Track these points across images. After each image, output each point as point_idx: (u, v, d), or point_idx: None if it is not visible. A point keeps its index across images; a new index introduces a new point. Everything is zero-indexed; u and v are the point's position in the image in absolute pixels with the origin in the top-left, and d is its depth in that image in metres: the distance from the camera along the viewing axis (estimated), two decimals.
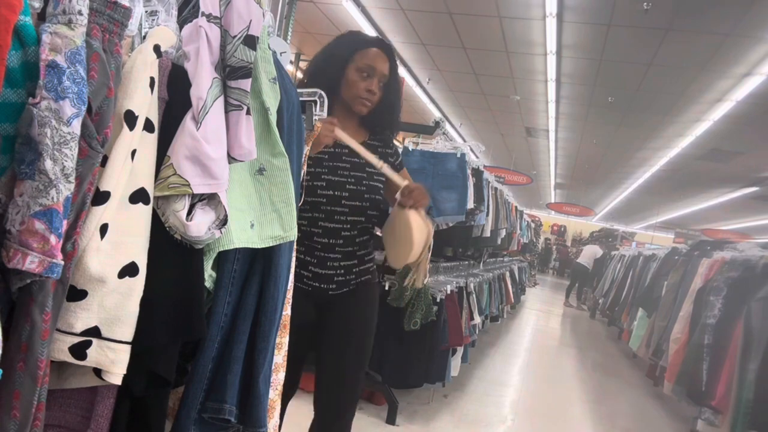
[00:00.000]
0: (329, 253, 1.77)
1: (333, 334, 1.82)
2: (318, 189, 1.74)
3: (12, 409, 0.88)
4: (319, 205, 1.74)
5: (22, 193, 0.84)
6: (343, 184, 1.77)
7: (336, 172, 1.78)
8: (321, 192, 1.74)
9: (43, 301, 0.89)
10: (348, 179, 1.79)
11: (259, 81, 1.25)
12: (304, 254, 1.75)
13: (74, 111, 0.86)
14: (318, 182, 1.75)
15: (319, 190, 1.74)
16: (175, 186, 1.06)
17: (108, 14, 0.95)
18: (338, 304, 1.81)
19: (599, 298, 10.33)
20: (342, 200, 1.76)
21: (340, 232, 1.76)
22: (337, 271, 1.79)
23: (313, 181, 1.73)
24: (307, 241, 1.75)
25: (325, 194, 1.74)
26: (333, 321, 1.82)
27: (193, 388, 1.25)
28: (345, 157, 1.81)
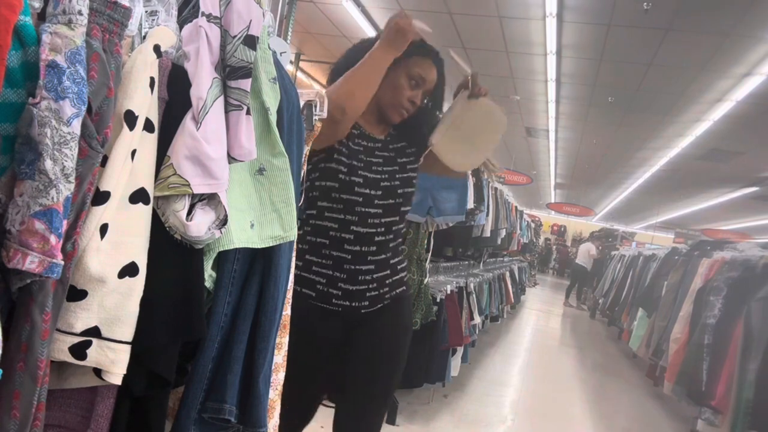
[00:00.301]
0: (361, 265, 1.54)
1: (361, 358, 1.60)
2: (355, 186, 1.52)
3: (12, 409, 0.88)
4: (353, 205, 1.52)
5: (22, 193, 0.84)
6: (377, 182, 1.58)
7: (370, 167, 1.59)
8: (358, 190, 1.52)
9: (43, 301, 0.89)
10: (382, 176, 1.60)
11: (259, 81, 1.25)
12: (333, 269, 1.52)
13: (74, 111, 0.86)
14: (355, 177, 1.52)
15: (357, 187, 1.52)
16: (175, 186, 1.06)
17: (108, 14, 0.95)
18: (369, 324, 1.59)
19: (599, 298, 10.33)
20: (375, 199, 1.55)
21: (373, 238, 1.55)
22: (369, 286, 1.56)
23: (349, 176, 1.51)
24: (336, 251, 1.52)
25: (362, 192, 1.53)
26: (363, 344, 1.60)
27: (193, 388, 1.25)
28: (378, 151, 1.63)
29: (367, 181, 1.55)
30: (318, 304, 1.47)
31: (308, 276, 1.49)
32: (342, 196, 1.50)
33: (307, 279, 1.48)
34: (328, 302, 1.50)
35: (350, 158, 1.54)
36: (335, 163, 1.52)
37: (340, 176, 1.52)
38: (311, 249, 1.50)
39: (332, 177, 1.52)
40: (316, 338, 1.46)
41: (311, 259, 1.50)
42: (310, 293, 1.48)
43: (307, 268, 1.50)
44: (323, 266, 1.51)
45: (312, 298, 1.47)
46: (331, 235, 1.51)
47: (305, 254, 1.50)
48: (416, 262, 3.24)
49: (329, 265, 1.51)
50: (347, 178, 1.51)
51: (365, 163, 1.58)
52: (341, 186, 1.51)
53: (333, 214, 1.50)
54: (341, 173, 1.52)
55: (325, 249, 1.50)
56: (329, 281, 1.51)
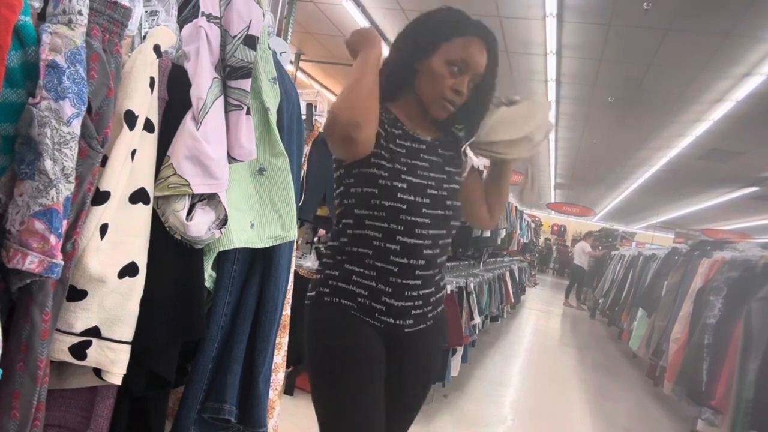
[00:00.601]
0: (407, 279, 1.38)
1: (399, 378, 1.46)
2: (398, 192, 1.35)
3: (12, 408, 0.88)
4: (397, 213, 1.35)
5: (22, 193, 0.84)
6: (423, 188, 1.40)
7: (415, 171, 1.41)
8: (402, 196, 1.35)
9: (43, 301, 0.89)
10: (428, 182, 1.42)
11: (259, 81, 1.25)
12: (377, 280, 1.36)
13: (74, 111, 0.86)
14: (398, 183, 1.36)
15: (400, 193, 1.35)
16: (175, 186, 1.06)
17: (108, 14, 0.95)
18: (411, 344, 1.46)
19: (599, 298, 10.33)
20: (423, 208, 1.39)
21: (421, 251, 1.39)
22: (414, 303, 1.41)
23: (392, 181, 1.35)
24: (380, 262, 1.36)
25: (406, 199, 1.36)
26: (403, 364, 1.46)
27: (193, 388, 1.25)
28: (423, 154, 1.45)
29: (412, 187, 1.38)
30: (360, 315, 1.35)
31: (347, 287, 1.35)
32: (383, 202, 1.34)
33: (347, 290, 1.35)
34: (370, 316, 1.36)
35: (392, 161, 1.37)
36: (374, 167, 1.35)
37: (380, 182, 1.35)
38: (351, 259, 1.36)
39: (370, 182, 1.35)
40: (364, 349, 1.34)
41: (351, 269, 1.36)
42: (351, 304, 1.35)
43: (346, 278, 1.36)
44: (365, 277, 1.36)
45: (353, 309, 1.34)
46: (375, 245, 1.36)
47: (344, 264, 1.37)
48: None
49: (372, 276, 1.36)
50: (388, 183, 1.35)
51: (409, 167, 1.41)
52: (381, 192, 1.34)
53: (375, 222, 1.35)
54: (381, 178, 1.35)
55: (368, 259, 1.35)
56: (372, 294, 1.36)
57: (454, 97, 1.41)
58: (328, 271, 1.39)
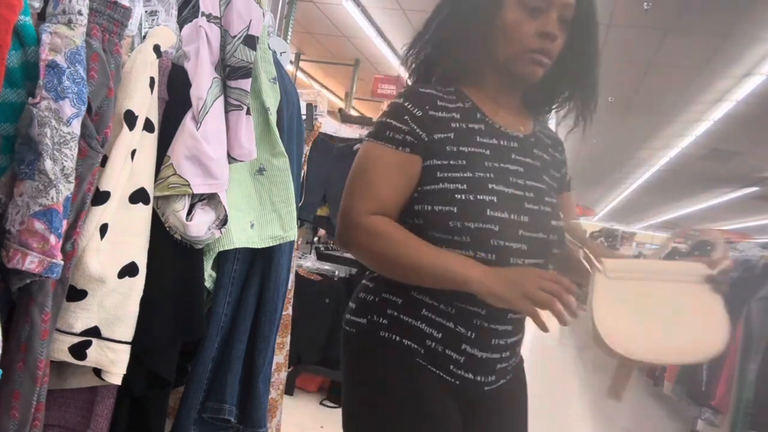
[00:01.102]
0: (497, 323, 1.03)
1: None
2: (486, 208, 0.98)
3: (11, 408, 0.88)
4: (487, 237, 0.98)
5: (22, 193, 0.84)
6: (520, 202, 1.03)
7: (507, 179, 1.03)
8: (492, 213, 0.98)
9: (43, 301, 0.89)
10: (525, 193, 1.05)
11: (259, 81, 1.25)
12: (456, 321, 1.01)
13: (74, 111, 0.86)
14: (484, 195, 0.99)
15: (489, 209, 0.98)
16: (175, 186, 1.06)
17: (108, 14, 0.95)
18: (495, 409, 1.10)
19: None
20: (519, 229, 1.01)
21: None
22: (501, 354, 1.06)
23: (475, 194, 0.99)
24: (462, 301, 1.00)
25: (498, 218, 0.99)
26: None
27: (193, 388, 1.25)
28: (515, 154, 1.08)
29: (504, 201, 1.00)
30: (427, 365, 1.00)
31: (413, 323, 1.01)
32: (467, 224, 0.97)
33: (412, 327, 1.01)
34: (441, 368, 1.01)
35: (472, 168, 1.01)
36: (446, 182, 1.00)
37: (458, 197, 0.98)
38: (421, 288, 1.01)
39: (444, 199, 0.99)
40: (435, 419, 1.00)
41: (421, 300, 1.02)
42: (416, 348, 1.00)
43: (413, 311, 1.02)
44: (440, 314, 1.01)
45: (418, 354, 1.00)
46: None
47: (411, 290, 1.02)
48: None
49: (450, 314, 1.00)
50: (471, 198, 0.98)
51: (497, 173, 1.02)
52: (462, 210, 0.97)
53: (456, 249, 0.99)
54: (460, 192, 0.99)
55: (443, 294, 1.00)
56: (448, 338, 1.01)
57: (543, 44, 1.02)
58: (387, 294, 1.05)
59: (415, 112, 1.03)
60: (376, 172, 1.03)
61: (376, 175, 1.03)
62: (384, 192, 1.02)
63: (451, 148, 1.02)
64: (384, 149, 1.03)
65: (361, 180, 1.04)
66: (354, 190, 1.03)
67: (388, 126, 1.04)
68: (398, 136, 1.03)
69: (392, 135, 1.03)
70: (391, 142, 1.03)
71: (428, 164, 1.02)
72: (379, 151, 1.04)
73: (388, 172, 1.03)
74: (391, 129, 1.03)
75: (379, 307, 1.05)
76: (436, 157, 1.02)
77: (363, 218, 1.00)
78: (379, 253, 1.00)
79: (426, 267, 0.97)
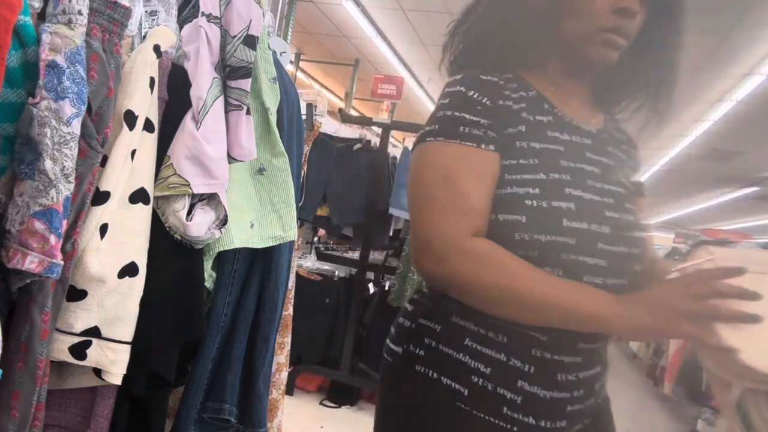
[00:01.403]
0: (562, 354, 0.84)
1: None
2: (562, 217, 0.81)
3: (11, 408, 0.88)
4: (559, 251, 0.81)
5: (22, 193, 0.84)
6: (599, 210, 0.85)
7: (584, 182, 0.85)
8: (569, 224, 0.81)
9: (43, 301, 0.89)
10: (604, 198, 0.86)
11: (259, 81, 1.25)
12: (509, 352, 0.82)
13: (74, 111, 0.86)
14: (560, 202, 0.82)
15: (566, 219, 0.81)
16: (175, 186, 1.06)
17: (108, 14, 0.95)
18: None
19: None
20: (599, 242, 0.83)
21: None
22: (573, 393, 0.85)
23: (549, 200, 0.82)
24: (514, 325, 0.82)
25: (576, 230, 0.81)
26: None
27: (193, 388, 1.25)
28: (590, 153, 0.89)
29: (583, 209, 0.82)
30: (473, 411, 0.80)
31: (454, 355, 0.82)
32: (536, 236, 0.81)
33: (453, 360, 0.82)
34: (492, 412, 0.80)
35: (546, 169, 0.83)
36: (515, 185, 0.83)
37: (528, 203, 0.82)
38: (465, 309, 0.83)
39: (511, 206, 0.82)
40: None
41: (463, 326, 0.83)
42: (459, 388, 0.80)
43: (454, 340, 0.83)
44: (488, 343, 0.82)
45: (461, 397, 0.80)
46: None
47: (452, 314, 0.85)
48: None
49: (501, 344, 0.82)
50: (544, 205, 0.81)
51: (574, 175, 0.84)
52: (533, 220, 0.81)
53: None
54: (531, 198, 0.82)
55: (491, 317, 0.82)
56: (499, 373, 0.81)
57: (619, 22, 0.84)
58: (424, 320, 0.87)
59: (486, 102, 0.84)
60: (464, 178, 0.81)
61: (465, 182, 0.80)
62: (480, 204, 0.81)
63: (522, 144, 0.84)
64: (465, 149, 0.82)
65: (447, 191, 0.80)
66: (439, 205, 0.80)
67: (460, 121, 0.83)
68: (478, 132, 0.82)
69: (470, 131, 0.82)
70: (471, 139, 0.82)
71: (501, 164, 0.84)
72: (459, 152, 0.81)
73: (479, 177, 0.82)
74: (466, 124, 0.82)
75: (416, 335, 0.86)
76: (506, 156, 0.83)
77: (466, 242, 0.78)
78: (490, 286, 0.77)
79: (552, 303, 0.75)
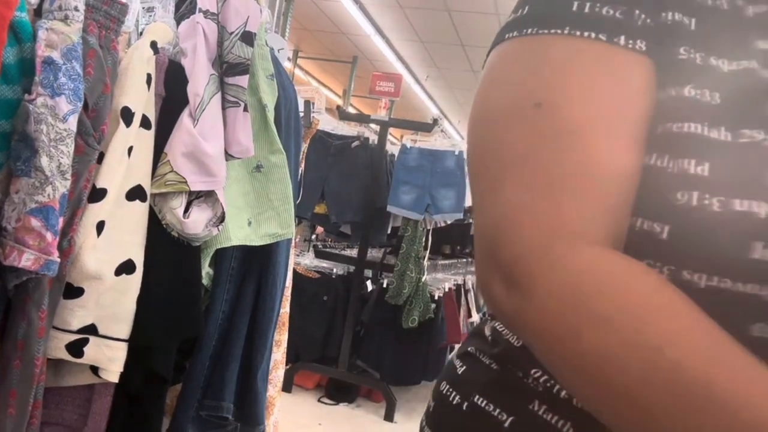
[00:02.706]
0: None
1: None
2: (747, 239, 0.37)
3: (8, 406, 0.87)
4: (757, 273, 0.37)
5: (18, 190, 0.84)
6: None
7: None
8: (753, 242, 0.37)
9: (40, 299, 0.88)
10: None
11: (256, 77, 1.25)
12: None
13: (70, 107, 0.85)
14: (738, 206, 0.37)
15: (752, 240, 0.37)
16: (173, 183, 1.06)
17: (104, 10, 0.94)
18: None
19: None
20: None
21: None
22: None
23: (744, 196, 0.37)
24: None
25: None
26: None
27: (191, 385, 1.25)
28: None
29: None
30: None
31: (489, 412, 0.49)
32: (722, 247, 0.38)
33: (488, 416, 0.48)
34: None
35: (734, 118, 0.39)
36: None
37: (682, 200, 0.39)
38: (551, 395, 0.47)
39: (652, 210, 0.41)
40: None
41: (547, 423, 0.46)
42: None
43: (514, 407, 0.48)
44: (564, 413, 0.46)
45: None
46: None
47: (535, 399, 0.47)
48: (414, 259, 3.25)
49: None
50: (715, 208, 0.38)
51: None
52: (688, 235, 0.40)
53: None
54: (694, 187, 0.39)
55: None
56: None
57: None
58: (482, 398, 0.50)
59: None
60: (582, 109, 0.42)
61: (584, 117, 0.42)
62: (619, 167, 0.41)
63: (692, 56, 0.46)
64: (586, 47, 0.43)
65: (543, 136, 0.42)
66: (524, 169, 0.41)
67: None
68: (611, 12, 0.43)
69: (595, 9, 0.43)
70: (597, 26, 0.43)
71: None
72: (572, 52, 0.43)
73: (617, 107, 0.44)
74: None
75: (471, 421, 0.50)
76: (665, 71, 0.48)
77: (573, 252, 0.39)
78: (615, 359, 0.35)
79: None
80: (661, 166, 0.41)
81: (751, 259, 0.37)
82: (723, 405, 0.31)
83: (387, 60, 7.50)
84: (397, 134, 7.22)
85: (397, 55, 7.62)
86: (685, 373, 0.32)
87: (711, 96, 0.40)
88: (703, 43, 0.41)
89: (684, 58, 0.41)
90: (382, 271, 3.51)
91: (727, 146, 0.38)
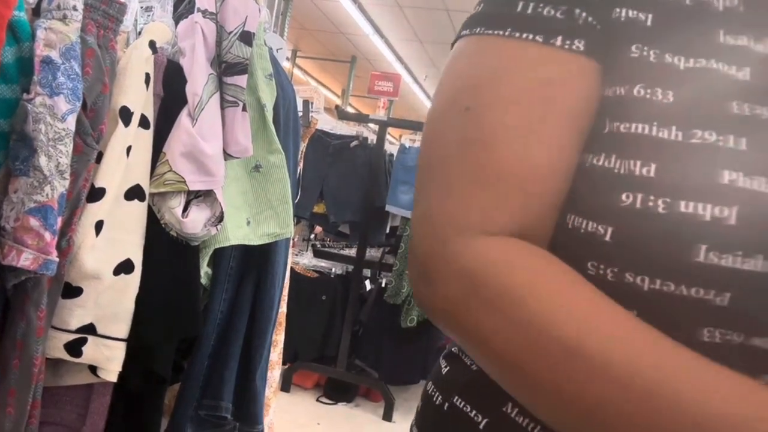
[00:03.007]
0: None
1: None
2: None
3: (7, 406, 0.87)
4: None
5: (17, 190, 0.84)
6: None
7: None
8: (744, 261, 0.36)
9: (38, 299, 0.88)
10: None
11: (255, 77, 1.25)
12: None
13: (69, 107, 0.85)
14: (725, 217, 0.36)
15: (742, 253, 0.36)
16: (171, 182, 1.06)
17: (103, 10, 0.94)
18: None
19: None
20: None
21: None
22: None
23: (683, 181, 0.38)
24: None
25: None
26: None
27: (190, 385, 1.25)
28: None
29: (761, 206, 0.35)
30: None
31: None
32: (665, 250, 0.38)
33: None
34: None
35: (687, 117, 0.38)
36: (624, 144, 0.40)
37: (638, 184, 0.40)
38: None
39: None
40: None
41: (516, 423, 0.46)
42: None
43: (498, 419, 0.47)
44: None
45: None
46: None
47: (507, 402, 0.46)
48: None
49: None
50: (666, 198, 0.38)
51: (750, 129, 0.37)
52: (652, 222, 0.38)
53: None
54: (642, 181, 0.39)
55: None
56: None
57: None
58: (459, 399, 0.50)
59: None
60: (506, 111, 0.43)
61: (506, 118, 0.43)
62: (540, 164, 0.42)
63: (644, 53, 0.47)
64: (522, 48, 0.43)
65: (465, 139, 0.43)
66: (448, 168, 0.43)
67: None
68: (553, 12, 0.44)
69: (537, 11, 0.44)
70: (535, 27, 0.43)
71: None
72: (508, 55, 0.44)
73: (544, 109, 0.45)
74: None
75: (452, 421, 0.51)
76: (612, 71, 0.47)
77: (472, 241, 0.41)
78: (501, 329, 0.38)
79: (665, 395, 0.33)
80: (608, 166, 0.40)
81: (695, 262, 0.37)
82: (590, 361, 0.34)
83: (386, 60, 7.50)
84: (395, 134, 7.22)
85: (395, 55, 7.62)
86: (555, 338, 0.35)
87: (663, 95, 0.39)
88: (658, 40, 0.41)
89: (635, 56, 0.41)
90: (381, 271, 3.51)
91: (677, 146, 0.38)
